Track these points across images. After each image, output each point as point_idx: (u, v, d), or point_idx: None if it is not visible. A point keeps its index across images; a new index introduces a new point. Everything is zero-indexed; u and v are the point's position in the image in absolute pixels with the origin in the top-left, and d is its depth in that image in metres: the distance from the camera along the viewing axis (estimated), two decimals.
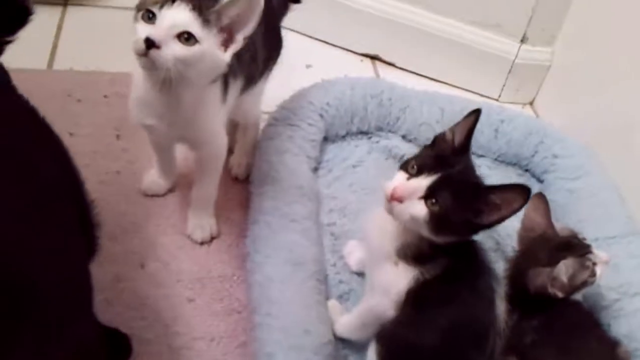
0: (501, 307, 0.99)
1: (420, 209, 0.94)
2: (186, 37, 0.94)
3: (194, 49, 0.95)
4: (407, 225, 0.97)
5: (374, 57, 1.76)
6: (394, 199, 0.95)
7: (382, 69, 1.74)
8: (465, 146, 1.01)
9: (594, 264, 1.08)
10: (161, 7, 0.94)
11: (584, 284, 1.08)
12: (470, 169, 1.02)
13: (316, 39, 1.77)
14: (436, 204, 0.94)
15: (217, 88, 1.08)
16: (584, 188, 1.37)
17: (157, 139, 1.17)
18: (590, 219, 1.32)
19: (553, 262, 1.06)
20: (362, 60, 1.75)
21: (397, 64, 1.74)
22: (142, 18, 0.96)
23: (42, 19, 1.61)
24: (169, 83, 0.97)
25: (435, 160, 0.98)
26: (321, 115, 1.41)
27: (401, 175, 0.98)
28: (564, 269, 1.05)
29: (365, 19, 1.70)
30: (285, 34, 1.76)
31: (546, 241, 1.11)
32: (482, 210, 0.95)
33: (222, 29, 0.98)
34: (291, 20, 1.74)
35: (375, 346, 0.99)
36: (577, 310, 1.09)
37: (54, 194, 0.74)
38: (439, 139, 1.04)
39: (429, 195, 0.94)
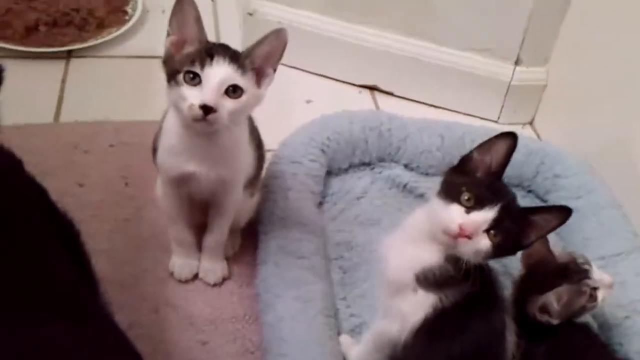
0: (511, 339, 0.99)
1: (484, 243, 0.94)
2: (233, 90, 0.98)
3: (243, 100, 0.99)
4: (468, 257, 0.95)
5: (372, 88, 1.78)
6: (463, 236, 0.94)
7: (381, 98, 1.77)
8: (503, 171, 1.01)
9: (594, 289, 1.08)
10: (202, 66, 0.97)
11: (583, 309, 1.08)
12: (514, 195, 1.01)
13: (315, 73, 1.80)
14: (498, 235, 0.94)
15: (246, 124, 1.12)
16: (587, 206, 1.38)
17: (191, 190, 1.14)
18: (595, 237, 1.33)
19: (548, 289, 1.07)
20: (360, 92, 1.78)
21: (395, 93, 1.77)
22: (185, 80, 0.97)
23: (47, 73, 1.67)
24: (214, 130, 1.00)
25: (490, 189, 0.97)
26: (322, 150, 1.43)
27: (458, 210, 0.95)
28: (554, 297, 1.06)
29: (361, 52, 1.73)
30: (285, 71, 1.80)
31: (544, 267, 1.13)
32: (527, 231, 0.97)
33: (253, 69, 1.02)
34: (289, 56, 1.77)
35: None
36: (584, 333, 1.10)
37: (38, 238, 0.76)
38: (466, 161, 1.01)
39: (492, 226, 0.94)
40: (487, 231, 0.94)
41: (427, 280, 0.97)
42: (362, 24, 1.72)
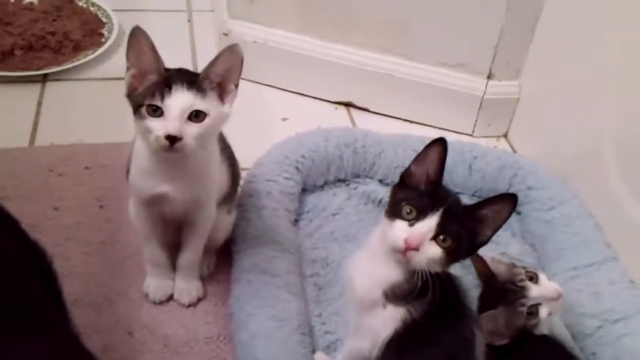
0: (480, 349, 1.00)
1: (435, 251, 0.95)
2: (195, 115, 1.00)
3: (207, 123, 1.01)
4: (422, 268, 0.96)
5: (348, 104, 1.80)
6: (411, 249, 0.95)
7: (357, 114, 1.78)
8: (441, 177, 1.03)
9: (534, 306, 1.10)
10: (162, 98, 0.98)
11: (527, 327, 1.10)
12: (456, 196, 1.03)
13: (290, 91, 1.81)
14: (447, 240, 0.95)
15: (216, 142, 1.13)
16: (559, 218, 1.39)
17: (164, 210, 1.14)
18: (569, 247, 1.35)
19: (486, 311, 1.10)
20: (336, 108, 1.80)
21: (371, 109, 1.78)
22: (149, 114, 0.99)
23: (22, 97, 1.68)
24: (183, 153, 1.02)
25: (429, 197, 0.98)
26: (297, 168, 1.44)
27: (402, 225, 0.97)
28: (486, 319, 1.08)
29: (336, 69, 1.75)
30: (260, 89, 1.82)
31: (489, 287, 1.16)
32: (478, 228, 0.98)
33: (214, 87, 1.03)
34: (266, 75, 1.80)
35: None
36: (550, 345, 1.10)
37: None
38: (406, 176, 1.04)
39: (438, 233, 0.96)
40: (434, 239, 0.95)
41: (396, 295, 0.98)
42: (336, 42, 1.74)
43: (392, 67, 1.72)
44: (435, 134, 1.67)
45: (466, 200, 1.49)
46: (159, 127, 0.98)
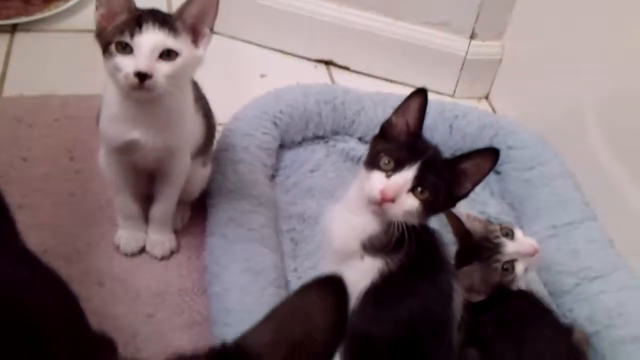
0: (458, 302, 0.99)
1: (412, 203, 0.95)
2: (167, 54, 0.96)
3: (179, 61, 0.98)
4: (399, 219, 0.96)
5: (328, 62, 1.76)
6: (386, 200, 0.94)
7: (337, 73, 1.75)
8: (420, 129, 1.01)
9: (508, 262, 1.09)
10: (132, 35, 0.95)
11: (503, 283, 1.09)
12: (436, 149, 1.02)
13: (270, 48, 1.77)
14: (424, 192, 0.95)
15: (190, 89, 1.10)
16: (539, 177, 1.38)
17: (136, 159, 1.11)
18: (548, 206, 1.34)
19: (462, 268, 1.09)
20: (316, 67, 1.76)
21: (351, 68, 1.75)
22: (118, 51, 0.96)
23: None
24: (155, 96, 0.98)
25: (408, 150, 0.97)
26: (275, 124, 1.41)
27: (379, 176, 0.96)
28: (463, 276, 1.06)
29: (317, 26, 1.71)
30: (240, 45, 1.78)
31: (465, 244, 1.15)
32: (458, 181, 0.98)
33: (188, 29, 1.00)
34: (245, 30, 1.76)
35: None
36: (527, 300, 1.10)
37: None
38: (387, 127, 1.03)
39: (415, 185, 0.95)
40: (412, 190, 0.94)
41: (373, 246, 0.97)
42: None
43: (374, 25, 1.68)
44: None
45: None
46: (128, 64, 0.95)
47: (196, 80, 1.18)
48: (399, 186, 0.95)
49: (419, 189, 0.95)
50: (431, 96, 1.62)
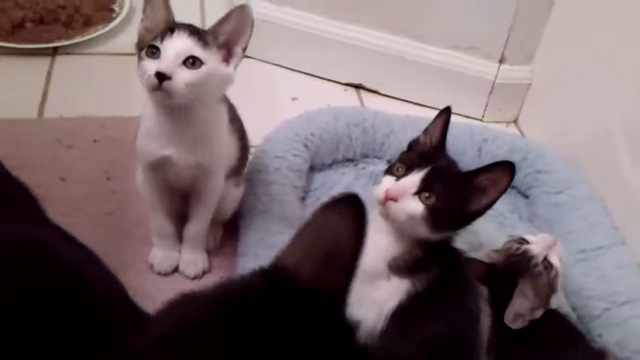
0: (486, 324, 0.99)
1: (415, 205, 0.96)
2: (192, 62, 1.00)
3: (202, 71, 1.01)
4: (404, 227, 0.97)
5: (357, 86, 1.79)
6: (388, 198, 0.96)
7: (367, 96, 1.77)
8: (442, 143, 1.03)
9: (545, 259, 1.08)
10: (162, 40, 1.00)
11: (551, 283, 1.08)
12: (453, 161, 1.04)
13: (301, 71, 1.80)
14: (431, 197, 0.96)
15: (224, 108, 1.13)
16: (568, 201, 1.38)
17: (170, 176, 1.14)
18: (577, 230, 1.34)
19: (511, 293, 1.06)
20: (346, 90, 1.79)
21: (380, 91, 1.77)
22: (147, 55, 1.00)
23: (32, 69, 1.68)
24: (183, 108, 1.02)
25: (420, 157, 1.00)
26: (306, 146, 1.43)
27: (389, 179, 0.99)
28: (522, 297, 1.05)
29: (347, 50, 1.74)
30: (271, 69, 1.81)
31: (491, 279, 1.12)
32: (473, 196, 0.98)
33: (220, 46, 1.04)
34: (276, 54, 1.80)
35: None
36: (560, 323, 1.10)
37: None
38: (413, 144, 1.06)
39: (423, 189, 0.96)
40: (419, 194, 0.95)
41: (399, 267, 0.99)
42: (348, 22, 1.72)
43: (404, 49, 1.71)
44: None
45: None
46: (152, 66, 0.99)
47: (232, 102, 1.22)
48: (404, 187, 0.96)
49: (426, 194, 0.96)
50: (460, 120, 1.68)
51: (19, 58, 1.69)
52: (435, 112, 1.67)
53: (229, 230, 1.32)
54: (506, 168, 0.96)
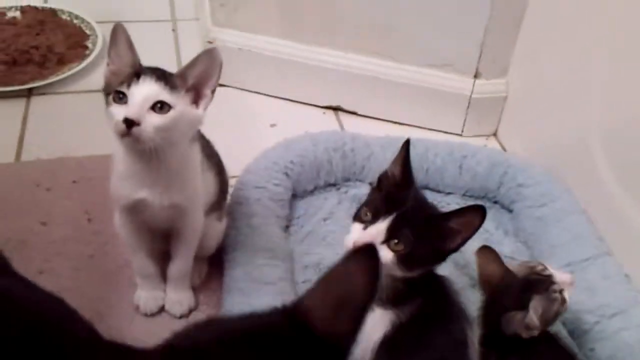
0: (474, 349, 0.99)
1: (385, 254, 0.96)
2: (159, 107, 0.99)
3: (170, 115, 1.00)
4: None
5: (336, 108, 1.79)
6: None
7: (346, 118, 1.78)
8: (406, 179, 1.03)
9: (561, 291, 1.08)
10: (129, 85, 0.99)
11: (557, 314, 1.08)
12: (421, 200, 1.04)
13: (278, 97, 1.80)
14: (399, 244, 0.96)
15: (197, 148, 1.12)
16: (551, 214, 1.38)
17: (147, 218, 1.14)
18: (562, 243, 1.34)
19: (521, 304, 1.07)
20: (324, 113, 1.79)
21: (359, 112, 1.78)
22: (114, 100, 1.00)
23: (7, 112, 1.66)
24: (154, 151, 1.01)
25: (386, 201, 1.00)
26: (286, 174, 1.43)
27: (357, 227, 1.00)
28: (534, 312, 1.05)
29: (322, 73, 1.74)
30: (248, 96, 1.81)
31: (507, 285, 1.11)
32: (445, 238, 0.98)
33: (189, 89, 1.04)
34: (253, 82, 1.79)
35: None
36: (551, 344, 1.09)
37: None
38: (382, 178, 1.06)
39: (390, 237, 0.96)
40: (387, 242, 0.96)
41: (381, 299, 0.98)
42: (321, 46, 1.73)
43: (379, 70, 1.71)
44: (424, 134, 1.69)
45: (457, 200, 1.50)
46: (120, 112, 0.98)
47: (208, 138, 1.21)
48: (371, 237, 0.97)
49: (394, 240, 0.96)
50: (439, 136, 1.69)
51: None
52: (415, 130, 1.72)
53: (214, 264, 1.31)
54: (477, 211, 0.97)
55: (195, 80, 1.04)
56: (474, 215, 0.96)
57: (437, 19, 1.62)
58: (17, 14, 1.96)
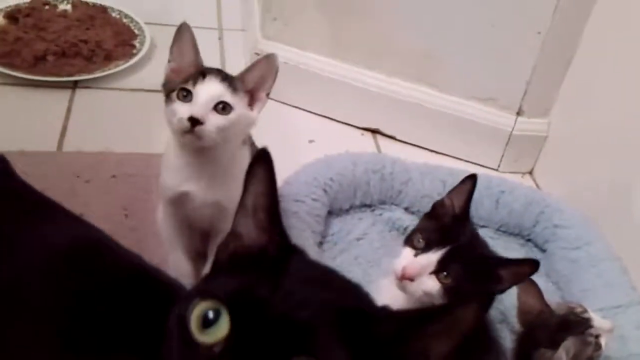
0: None
1: (432, 285, 0.97)
2: (222, 107, 1.03)
3: (231, 117, 1.04)
4: (422, 300, 0.99)
5: (374, 131, 1.80)
6: (405, 278, 0.97)
7: (383, 142, 1.79)
8: (465, 212, 1.04)
9: (597, 336, 1.08)
10: (194, 84, 1.03)
11: (590, 359, 1.08)
12: (475, 237, 1.05)
13: (318, 114, 1.82)
14: (448, 277, 0.97)
15: (247, 152, 1.15)
16: (585, 258, 1.38)
17: (189, 212, 1.16)
18: (594, 288, 1.33)
19: (554, 343, 1.07)
20: (363, 134, 1.80)
21: (397, 137, 1.79)
22: (178, 97, 1.03)
23: (52, 102, 1.68)
24: (207, 148, 1.05)
25: (441, 232, 1.01)
26: (325, 191, 1.43)
27: (408, 252, 1.00)
28: (564, 352, 1.05)
29: (365, 95, 1.75)
30: (290, 111, 1.83)
31: (544, 321, 1.11)
32: (493, 281, 0.99)
33: (246, 92, 1.08)
34: (295, 97, 1.81)
35: None
36: None
37: None
38: (437, 207, 1.07)
39: (440, 269, 0.96)
40: (437, 273, 0.96)
41: None
42: (367, 69, 1.75)
43: (422, 97, 1.72)
44: (461, 166, 1.69)
45: (490, 234, 1.50)
46: (185, 110, 1.01)
47: (257, 146, 1.23)
48: (420, 266, 0.98)
49: (444, 273, 0.97)
50: (477, 169, 1.69)
51: (40, 90, 1.70)
52: (452, 160, 1.72)
53: None
54: (531, 266, 0.98)
55: (254, 84, 1.09)
56: (527, 268, 0.98)
57: (486, 52, 1.64)
58: (69, 7, 1.99)
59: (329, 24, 1.74)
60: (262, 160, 0.66)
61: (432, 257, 0.97)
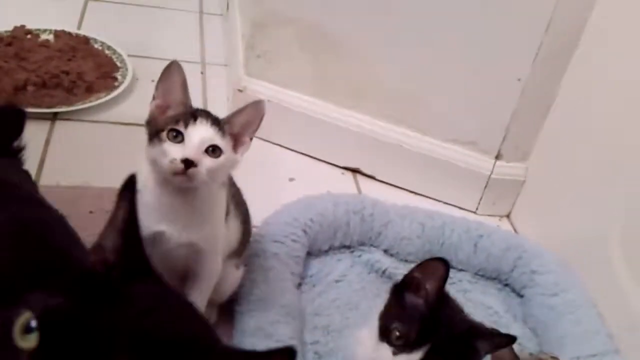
0: None
1: None
2: (212, 150, 1.03)
3: (221, 159, 1.04)
4: None
5: (354, 170, 1.81)
6: None
7: (363, 181, 1.79)
8: (440, 300, 1.02)
9: None
10: (186, 125, 1.02)
11: None
12: (451, 309, 1.04)
13: (299, 152, 1.82)
14: None
15: (224, 193, 1.14)
16: (562, 304, 1.39)
17: (164, 253, 1.12)
18: (571, 336, 1.34)
19: None
20: (343, 173, 1.80)
21: (377, 177, 1.79)
22: (169, 138, 1.02)
23: (31, 134, 1.63)
24: (188, 190, 1.05)
25: (420, 328, 0.98)
26: (305, 231, 1.43)
27: (386, 351, 0.98)
28: None
29: (346, 135, 1.76)
30: (271, 148, 1.83)
31: None
32: (468, 356, 0.99)
33: (232, 135, 1.08)
34: (276, 134, 1.81)
35: None
36: None
37: None
38: (408, 280, 1.04)
39: None
40: None
41: None
42: (349, 109, 1.76)
43: (402, 139, 1.74)
44: (439, 207, 1.70)
45: (468, 278, 1.51)
46: (177, 152, 1.01)
47: (239, 187, 1.22)
48: None
49: None
50: (454, 211, 1.70)
51: None
52: (430, 202, 1.73)
53: (224, 313, 1.30)
54: (508, 341, 1.00)
55: (240, 128, 1.09)
56: (504, 342, 1.00)
57: (467, 97, 1.66)
58: (51, 37, 1.98)
59: (312, 63, 1.75)
60: (127, 189, 0.71)
61: (414, 357, 0.97)
